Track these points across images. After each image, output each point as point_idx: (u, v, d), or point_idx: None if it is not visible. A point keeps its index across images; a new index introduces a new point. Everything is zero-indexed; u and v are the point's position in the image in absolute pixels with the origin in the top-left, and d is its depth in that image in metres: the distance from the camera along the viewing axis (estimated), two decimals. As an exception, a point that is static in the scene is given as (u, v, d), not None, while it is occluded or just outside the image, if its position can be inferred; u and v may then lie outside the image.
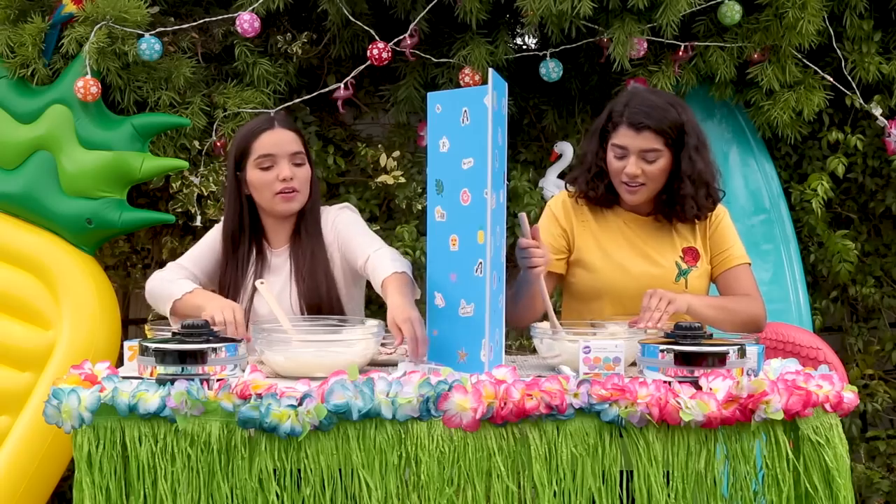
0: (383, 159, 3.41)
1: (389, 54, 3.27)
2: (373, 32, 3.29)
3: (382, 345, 2.16)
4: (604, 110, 2.51)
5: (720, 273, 2.51)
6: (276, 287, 2.44)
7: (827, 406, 1.78)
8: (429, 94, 2.05)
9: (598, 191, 2.48)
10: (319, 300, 2.41)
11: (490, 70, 1.98)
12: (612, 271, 2.45)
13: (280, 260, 2.49)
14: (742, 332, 2.35)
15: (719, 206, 2.54)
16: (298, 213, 2.48)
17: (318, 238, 2.48)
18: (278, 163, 2.42)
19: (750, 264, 2.53)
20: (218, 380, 1.76)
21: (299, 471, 1.73)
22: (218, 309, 2.21)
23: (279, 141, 2.43)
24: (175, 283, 2.40)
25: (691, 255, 2.48)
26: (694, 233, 2.51)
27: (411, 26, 3.27)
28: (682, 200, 2.43)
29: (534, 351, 2.23)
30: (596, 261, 2.47)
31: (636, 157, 2.38)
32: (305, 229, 2.49)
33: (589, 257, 2.48)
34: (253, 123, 2.51)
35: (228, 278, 2.47)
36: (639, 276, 2.43)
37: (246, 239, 2.48)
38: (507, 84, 2.11)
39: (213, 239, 2.55)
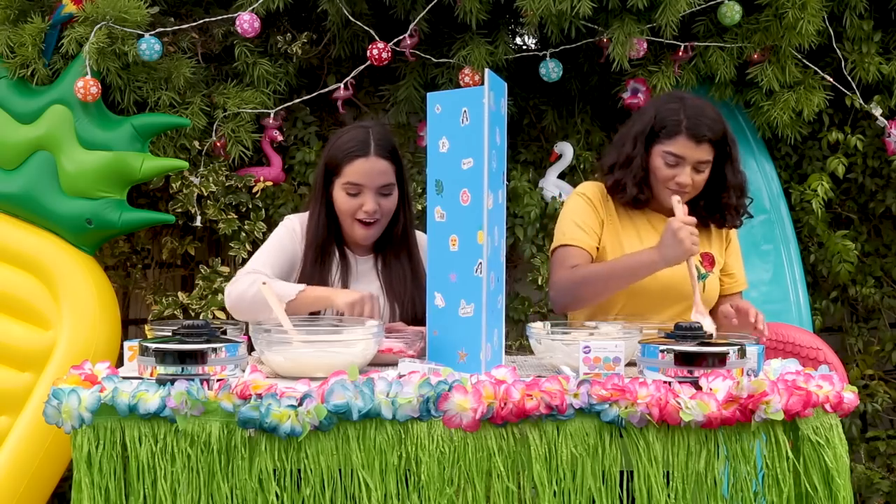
0: (383, 159, 3.41)
1: (389, 54, 3.27)
2: (373, 32, 3.29)
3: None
4: (643, 114, 2.51)
5: (723, 295, 2.57)
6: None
7: (827, 406, 1.78)
8: (428, 94, 2.05)
9: (645, 194, 2.49)
10: (417, 325, 2.38)
11: (486, 70, 1.98)
12: None
13: (366, 268, 2.47)
14: None
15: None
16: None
17: (416, 262, 2.48)
18: (364, 193, 2.38)
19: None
20: (218, 380, 1.76)
21: (299, 471, 1.73)
22: (348, 296, 2.23)
23: (370, 171, 2.38)
24: (277, 283, 2.30)
25: (708, 260, 2.51)
26: (710, 239, 2.55)
27: (411, 26, 3.27)
28: (724, 209, 2.50)
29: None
30: (618, 256, 2.47)
31: (690, 168, 2.42)
32: (394, 249, 2.47)
33: (611, 252, 2.49)
34: (350, 141, 2.41)
35: (315, 281, 2.40)
36: (660, 275, 2.41)
37: (332, 243, 2.45)
38: (506, 84, 2.11)
39: (281, 241, 2.46)
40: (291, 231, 2.47)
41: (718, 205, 2.50)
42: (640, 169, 2.47)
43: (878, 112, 3.39)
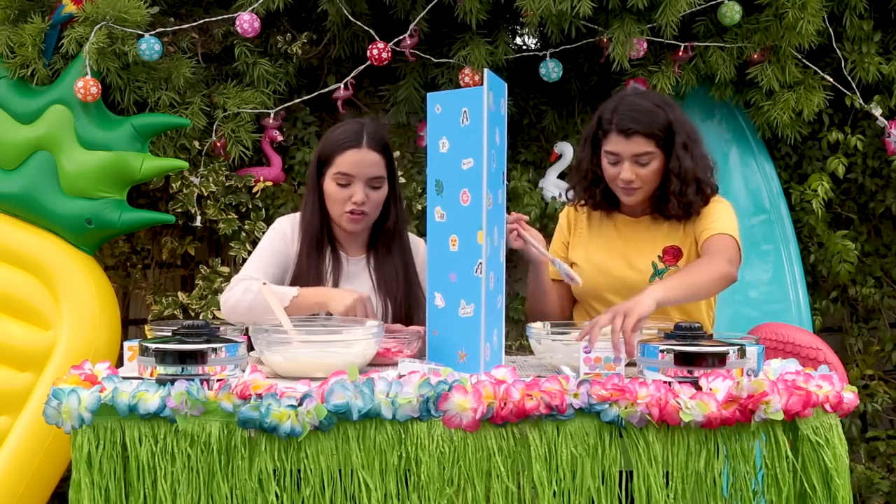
0: (383, 159, 3.41)
1: (389, 54, 3.27)
2: (373, 32, 3.29)
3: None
4: (593, 117, 2.52)
5: (700, 247, 2.43)
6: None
7: (827, 406, 1.78)
8: (428, 94, 2.05)
9: (595, 197, 2.53)
10: (410, 322, 2.40)
11: (486, 70, 1.98)
12: (594, 273, 2.50)
13: (357, 269, 2.48)
14: (717, 292, 2.38)
15: (718, 200, 2.50)
16: (373, 227, 2.49)
17: (407, 259, 2.49)
18: (354, 184, 2.40)
19: (731, 236, 2.41)
20: (218, 380, 1.76)
21: (299, 471, 1.73)
22: (343, 301, 2.23)
23: (361, 162, 2.40)
24: (272, 289, 2.26)
25: (671, 254, 2.48)
26: (684, 230, 2.50)
27: (411, 26, 3.27)
28: (670, 197, 2.44)
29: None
30: (581, 263, 2.53)
31: (629, 163, 2.41)
32: (386, 246, 2.49)
33: (577, 261, 2.55)
34: (343, 133, 2.45)
35: (311, 279, 2.40)
36: (616, 277, 2.48)
37: (325, 240, 2.46)
38: (506, 84, 2.11)
39: (273, 245, 2.47)
40: (282, 234, 2.48)
41: (665, 194, 2.45)
42: (588, 171, 2.51)
43: (878, 112, 3.39)
